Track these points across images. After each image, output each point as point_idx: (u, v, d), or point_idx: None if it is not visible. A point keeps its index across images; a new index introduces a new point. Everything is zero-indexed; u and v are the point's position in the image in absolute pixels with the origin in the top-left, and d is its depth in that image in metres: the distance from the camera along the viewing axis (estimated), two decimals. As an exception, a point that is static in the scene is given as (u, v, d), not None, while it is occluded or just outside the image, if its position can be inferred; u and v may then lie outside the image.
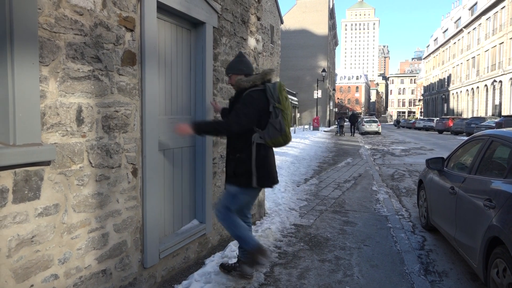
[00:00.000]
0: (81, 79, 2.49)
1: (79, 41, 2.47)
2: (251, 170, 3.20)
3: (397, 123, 61.77)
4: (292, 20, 56.40)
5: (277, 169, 3.52)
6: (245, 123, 3.14)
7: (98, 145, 2.66)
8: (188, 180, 4.01)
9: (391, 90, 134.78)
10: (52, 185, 2.30)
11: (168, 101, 3.63)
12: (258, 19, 5.46)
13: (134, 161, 3.02)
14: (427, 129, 42.17)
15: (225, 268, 3.58)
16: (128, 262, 2.99)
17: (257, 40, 5.44)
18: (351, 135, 30.99)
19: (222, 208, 3.34)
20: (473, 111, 47.65)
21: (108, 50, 2.71)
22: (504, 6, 38.78)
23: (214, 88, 4.26)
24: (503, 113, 35.93)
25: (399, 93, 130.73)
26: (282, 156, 12.99)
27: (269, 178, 3.30)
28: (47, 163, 2.25)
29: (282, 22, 42.32)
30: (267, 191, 7.01)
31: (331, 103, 63.81)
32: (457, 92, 55.30)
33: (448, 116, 39.32)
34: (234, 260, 3.75)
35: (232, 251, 4.02)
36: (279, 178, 3.57)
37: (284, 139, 3.25)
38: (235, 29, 4.72)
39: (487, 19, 43.93)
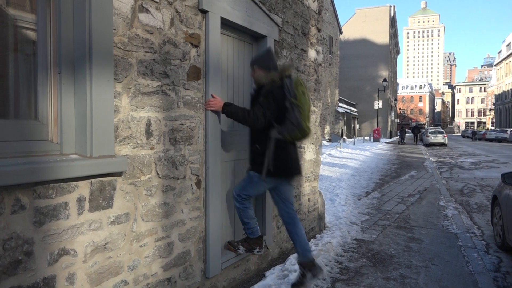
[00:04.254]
0: (150, 94, 2.62)
1: (149, 58, 2.60)
2: (267, 161, 3.25)
3: (473, 135, 51.72)
4: (351, 30, 55.56)
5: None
6: (269, 117, 3.21)
7: (165, 157, 2.77)
8: (249, 192, 4.04)
9: (458, 99, 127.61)
10: (123, 195, 2.43)
11: (230, 114, 3.70)
12: (318, 30, 5.44)
13: (198, 172, 3.10)
14: (499, 140, 39.31)
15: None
16: (192, 271, 3.06)
17: (317, 52, 5.41)
18: (415, 144, 33.35)
19: (238, 190, 3.38)
20: (553, 121, 43.69)
21: (175, 66, 2.83)
22: None
23: (275, 100, 4.28)
24: None
25: (467, 103, 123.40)
26: (342, 168, 12.73)
27: (286, 169, 3.34)
28: (119, 174, 2.38)
29: (341, 32, 41.86)
30: (327, 204, 6.88)
31: (393, 114, 61.64)
32: (534, 101, 51.07)
33: (524, 127, 36.37)
34: (295, 273, 3.69)
35: (292, 264, 3.97)
36: (339, 191, 3.56)
37: (302, 134, 3.28)
38: (295, 41, 4.73)
39: None
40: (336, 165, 14.06)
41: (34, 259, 1.93)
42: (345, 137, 37.96)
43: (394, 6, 58.21)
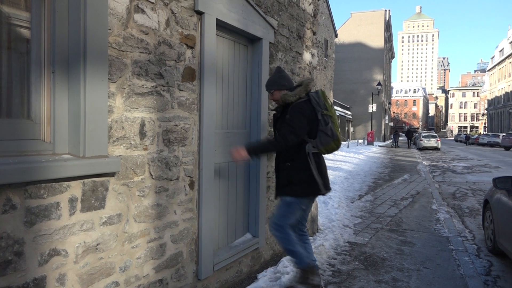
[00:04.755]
0: (144, 95, 2.61)
1: (144, 59, 2.60)
2: (310, 179, 3.21)
3: (467, 139, 50.60)
4: (346, 34, 55.79)
5: (330, 185, 3.51)
6: (300, 133, 3.18)
7: (159, 157, 2.76)
8: (242, 194, 4.04)
9: (451, 104, 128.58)
10: (116, 196, 2.41)
11: (224, 115, 3.71)
12: (314, 33, 5.46)
13: (191, 173, 3.10)
14: (491, 145, 39.62)
15: None
16: (184, 273, 3.05)
17: (313, 55, 5.43)
18: (408, 148, 34.71)
19: (277, 219, 3.31)
20: (544, 127, 44.12)
21: (170, 66, 2.83)
22: None
23: (269, 102, 4.29)
24: None
25: (460, 107, 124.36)
26: (336, 171, 12.76)
27: (326, 184, 3.33)
28: (112, 174, 2.37)
29: (336, 36, 42.02)
30: (320, 206, 6.89)
31: (387, 117, 61.91)
32: (526, 106, 51.56)
33: (515, 132, 36.68)
34: (287, 276, 3.70)
35: (285, 266, 3.97)
36: (332, 193, 3.61)
37: (337, 144, 3.28)
38: (290, 44, 4.74)
39: (560, 28, 40.79)
40: (329, 168, 14.08)
41: (24, 260, 1.92)
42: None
43: (389, 10, 58.53)
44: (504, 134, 39.30)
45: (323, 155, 3.38)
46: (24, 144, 2.05)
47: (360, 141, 38.93)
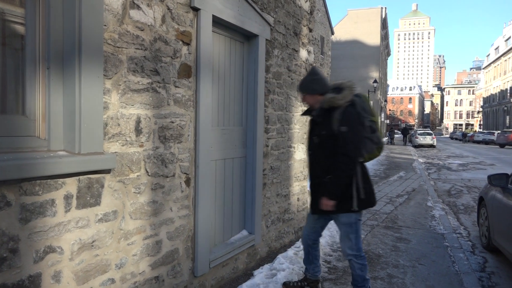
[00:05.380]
0: (140, 91, 2.60)
1: (140, 55, 2.58)
2: (366, 191, 2.97)
3: (464, 137, 50.49)
4: (342, 31, 55.78)
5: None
6: (362, 140, 2.94)
7: (155, 154, 2.75)
8: (239, 191, 4.04)
9: (447, 102, 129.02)
10: (111, 192, 2.41)
11: (220, 112, 3.70)
12: (310, 30, 5.45)
13: (187, 170, 3.09)
14: (486, 142, 39.79)
15: (289, 287, 3.50)
16: (180, 270, 3.05)
17: (309, 52, 5.43)
18: (404, 145, 35.45)
19: (354, 248, 3.05)
20: (539, 124, 44.37)
21: (165, 63, 2.82)
22: None
23: (266, 99, 4.29)
24: None
25: (456, 105, 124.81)
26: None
27: (373, 195, 3.10)
28: (107, 171, 2.36)
29: (332, 33, 42.00)
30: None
31: (383, 115, 62.06)
32: (521, 104, 51.82)
33: (510, 129, 36.89)
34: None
35: (280, 263, 3.98)
36: None
37: (379, 151, 3.10)
38: (287, 41, 4.74)
39: (555, 26, 40.98)
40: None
41: (19, 257, 1.91)
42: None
43: (385, 7, 58.56)
44: (499, 131, 39.49)
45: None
46: (18, 141, 2.04)
47: (356, 138, 39.11)
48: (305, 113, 3.32)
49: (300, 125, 5.22)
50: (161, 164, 2.82)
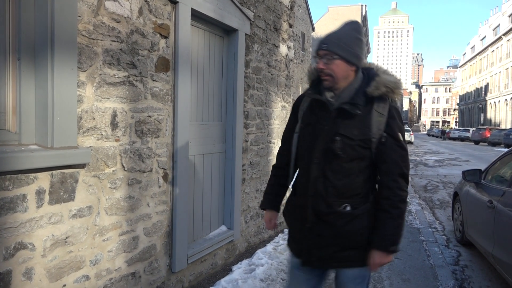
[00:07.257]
0: (116, 85, 2.55)
1: (116, 48, 2.53)
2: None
3: (443, 134, 47.72)
4: (323, 28, 56.06)
5: None
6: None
7: (131, 149, 2.70)
8: (217, 186, 4.02)
9: (424, 99, 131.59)
10: (86, 188, 2.36)
11: (199, 107, 3.66)
12: (290, 26, 5.45)
13: (165, 165, 3.05)
14: (462, 139, 40.78)
15: None
16: (157, 266, 3.02)
17: (289, 47, 5.43)
18: None
19: None
20: (512, 122, 45.73)
21: (143, 56, 2.77)
22: (547, 13, 37.17)
23: (245, 94, 4.27)
24: (544, 125, 34.29)
25: (433, 102, 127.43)
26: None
27: None
28: (82, 166, 2.31)
29: (313, 30, 42.19)
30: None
31: (362, 111, 62.67)
32: (495, 102, 53.25)
33: (485, 127, 37.93)
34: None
35: (259, 258, 3.99)
36: None
37: None
38: (267, 36, 4.72)
39: (528, 27, 42.23)
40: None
41: (-12, 254, 1.85)
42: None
43: (365, 5, 59.25)
44: (474, 128, 40.54)
45: None
46: (-13, 134, 1.97)
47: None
48: (310, 91, 2.07)
49: (280, 121, 5.22)
50: (138, 159, 2.77)
